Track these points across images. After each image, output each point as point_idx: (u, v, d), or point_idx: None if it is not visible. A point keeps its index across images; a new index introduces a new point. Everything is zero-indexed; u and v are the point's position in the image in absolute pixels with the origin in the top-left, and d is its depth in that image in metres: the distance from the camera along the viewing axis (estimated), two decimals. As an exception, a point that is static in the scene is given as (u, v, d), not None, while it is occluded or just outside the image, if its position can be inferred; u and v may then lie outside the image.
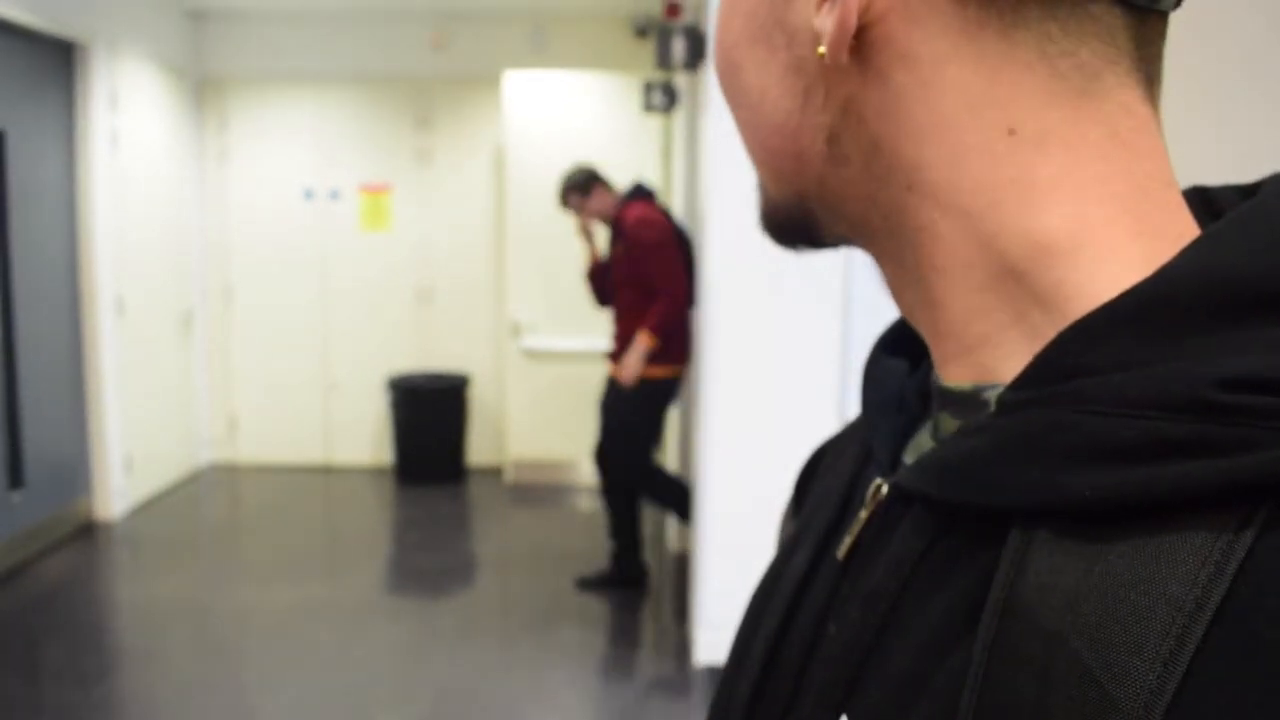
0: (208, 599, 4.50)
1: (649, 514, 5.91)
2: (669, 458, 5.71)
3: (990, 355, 0.42)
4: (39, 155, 5.09)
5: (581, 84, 6.20)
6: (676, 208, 5.38)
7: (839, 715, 0.44)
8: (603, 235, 4.95)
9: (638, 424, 4.61)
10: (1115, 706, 0.32)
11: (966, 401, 0.44)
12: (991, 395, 0.42)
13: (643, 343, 4.41)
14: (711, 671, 3.87)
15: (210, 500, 6.25)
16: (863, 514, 0.49)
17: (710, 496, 3.74)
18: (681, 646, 4.11)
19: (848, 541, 0.50)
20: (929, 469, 0.42)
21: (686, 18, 4.72)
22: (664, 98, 5.27)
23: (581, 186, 4.64)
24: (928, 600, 0.42)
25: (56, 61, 5.24)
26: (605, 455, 4.65)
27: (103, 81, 5.45)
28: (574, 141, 6.21)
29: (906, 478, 0.44)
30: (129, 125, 5.76)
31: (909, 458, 0.49)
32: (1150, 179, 0.41)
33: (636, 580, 4.76)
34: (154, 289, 6.13)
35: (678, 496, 4.68)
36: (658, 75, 5.44)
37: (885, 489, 0.48)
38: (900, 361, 0.55)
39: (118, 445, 5.66)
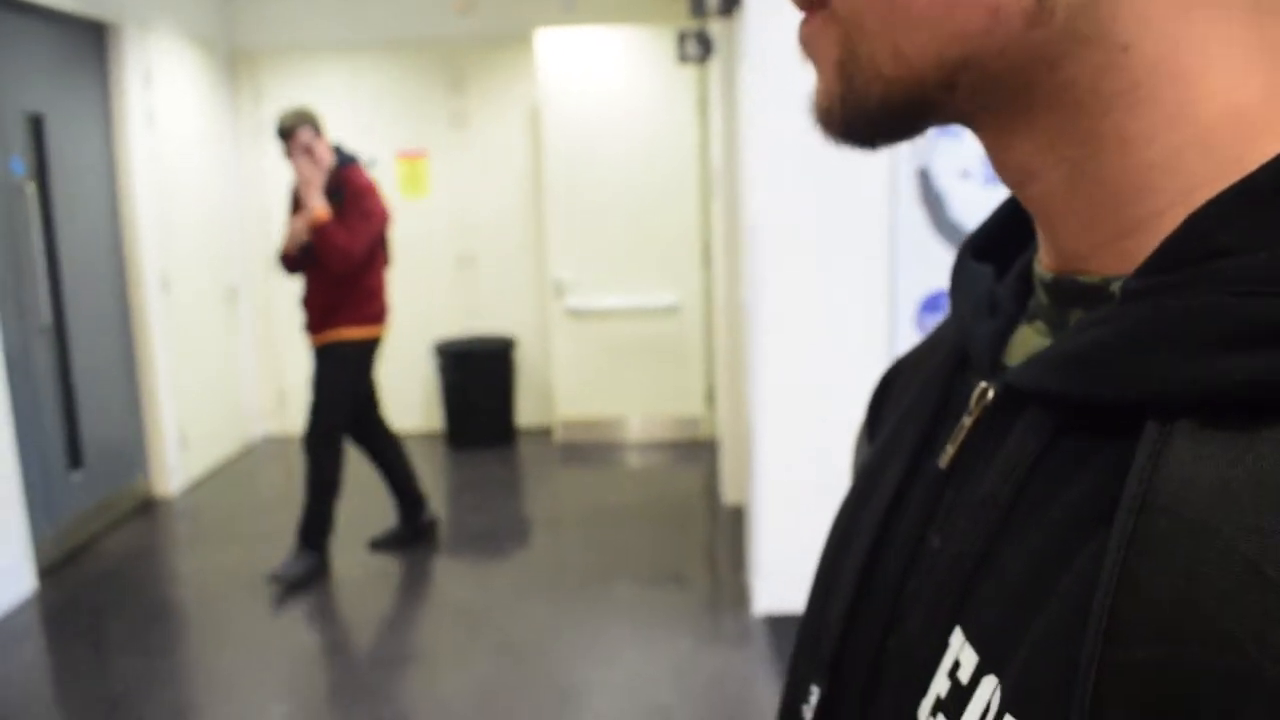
0: (267, 569, 4.54)
1: (705, 464, 5.89)
2: (721, 411, 5.68)
3: (1141, 244, 0.38)
4: (78, 137, 5.11)
5: (614, 38, 6.14)
6: (715, 159, 5.32)
7: (952, 629, 0.42)
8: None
9: (347, 386, 4.52)
10: None
11: (1095, 294, 0.41)
12: (1119, 286, 0.39)
13: (320, 216, 4.25)
14: (770, 621, 3.87)
15: (264, 472, 6.30)
16: (966, 420, 0.46)
17: (765, 446, 3.72)
18: (739, 597, 4.11)
19: (950, 450, 0.47)
20: (1047, 364, 0.39)
21: (718, -37, 4.64)
22: (699, 48, 5.21)
23: (315, 125, 4.31)
24: (1047, 504, 0.39)
25: (89, 43, 5.25)
26: (315, 432, 4.48)
27: (136, 60, 5.46)
28: (608, 97, 6.16)
29: (1020, 376, 0.41)
30: (164, 103, 5.77)
31: (1011, 361, 0.46)
32: None
33: (425, 531, 4.87)
34: (198, 265, 6.16)
35: (400, 474, 4.68)
36: (691, 24, 5.38)
37: (992, 392, 0.45)
38: (987, 266, 0.52)
39: (172, 422, 5.72)
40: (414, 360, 6.89)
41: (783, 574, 3.81)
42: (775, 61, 3.49)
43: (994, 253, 0.53)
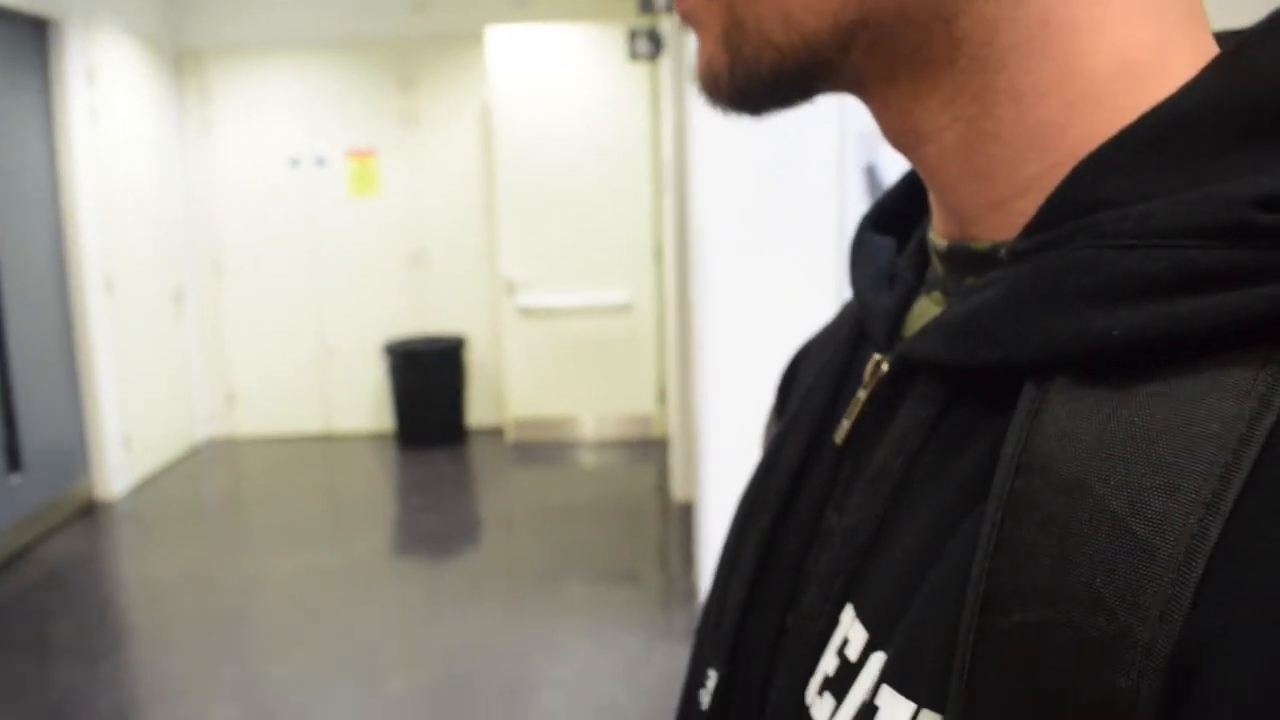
0: (213, 571, 4.48)
1: (656, 462, 5.88)
2: (672, 409, 5.66)
3: (1033, 202, 0.37)
4: (18, 135, 5.02)
5: (565, 36, 6.12)
6: (665, 156, 5.32)
7: (844, 606, 0.41)
8: None
9: None
10: (1151, 554, 0.28)
11: (987, 260, 0.40)
12: (1006, 250, 0.38)
13: None
14: (722, 618, 3.86)
15: (211, 474, 6.23)
16: (861, 394, 0.45)
17: (713, 444, 3.72)
18: (689, 594, 4.10)
19: (846, 425, 0.46)
20: (934, 333, 0.39)
21: (666, -39, 4.64)
22: (649, 45, 5.20)
23: None
24: (938, 475, 0.38)
25: (31, 38, 5.16)
26: None
27: (79, 57, 5.37)
28: (560, 95, 6.13)
29: (910, 347, 0.40)
30: (108, 100, 5.69)
31: (909, 333, 0.45)
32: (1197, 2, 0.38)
33: None
34: (143, 265, 6.07)
35: None
36: (642, 22, 5.37)
37: (886, 365, 0.44)
38: (888, 238, 0.51)
39: (115, 424, 5.63)
40: (364, 360, 6.84)
41: (733, 571, 3.80)
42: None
43: (895, 225, 0.52)
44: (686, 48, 4.23)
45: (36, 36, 5.21)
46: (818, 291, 3.61)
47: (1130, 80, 0.36)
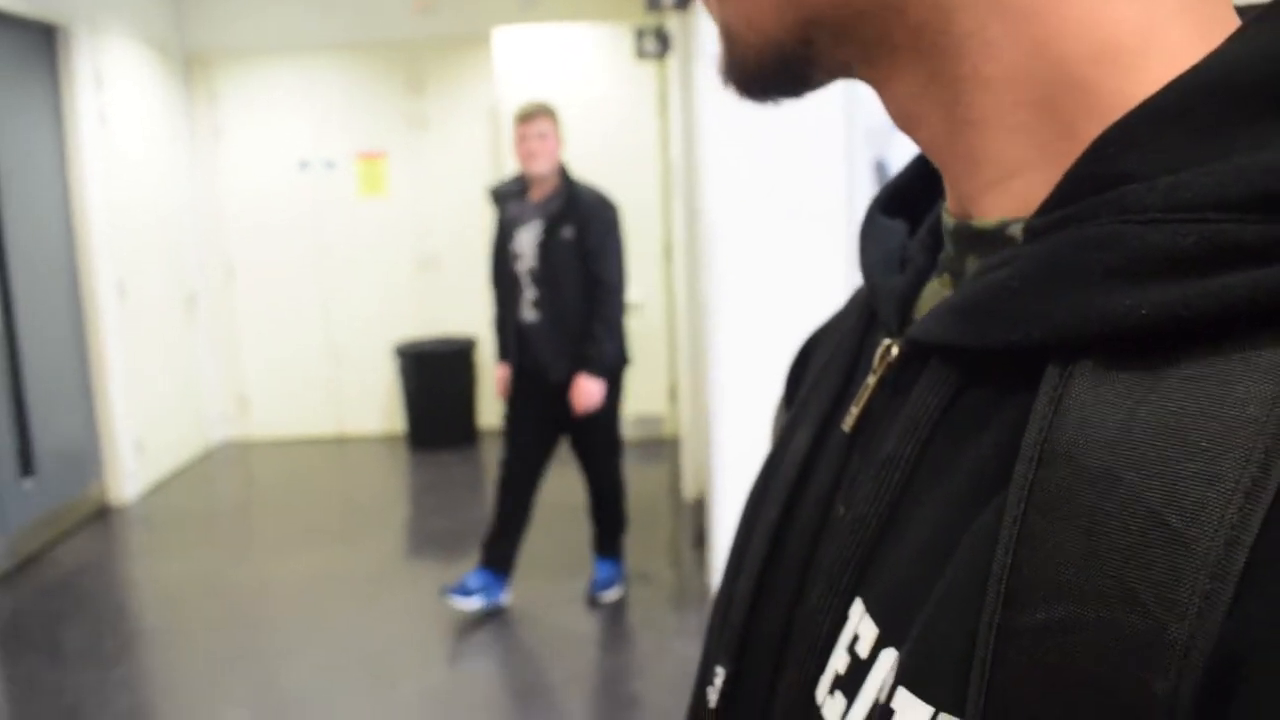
0: (226, 574, 4.48)
1: (668, 462, 5.86)
2: (683, 409, 5.65)
3: (1030, 183, 0.36)
4: (28, 141, 5.03)
5: (571, 36, 6.11)
6: (674, 154, 5.30)
7: (852, 600, 0.40)
8: None
9: None
10: (1188, 546, 0.27)
11: (993, 239, 0.38)
12: (1018, 229, 0.36)
13: None
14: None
15: (224, 478, 6.23)
16: (870, 380, 0.44)
17: (725, 443, 3.70)
18: (701, 593, 4.09)
19: (854, 412, 0.44)
20: (945, 314, 0.37)
21: (673, -42, 4.62)
22: (657, 43, 5.19)
23: None
24: (951, 463, 0.37)
25: (39, 44, 5.17)
26: None
27: (87, 62, 5.37)
28: (568, 95, 6.10)
29: (920, 330, 0.39)
30: (117, 105, 5.69)
31: (919, 316, 0.44)
32: None
33: None
34: (155, 269, 6.08)
35: None
36: (649, 21, 5.36)
37: (895, 349, 0.42)
38: (899, 222, 0.50)
39: (128, 428, 5.64)
40: (375, 362, 6.84)
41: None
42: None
43: (907, 208, 0.50)
44: (694, 45, 4.22)
45: (45, 42, 5.21)
46: (828, 288, 3.59)
47: (1111, 63, 0.34)
